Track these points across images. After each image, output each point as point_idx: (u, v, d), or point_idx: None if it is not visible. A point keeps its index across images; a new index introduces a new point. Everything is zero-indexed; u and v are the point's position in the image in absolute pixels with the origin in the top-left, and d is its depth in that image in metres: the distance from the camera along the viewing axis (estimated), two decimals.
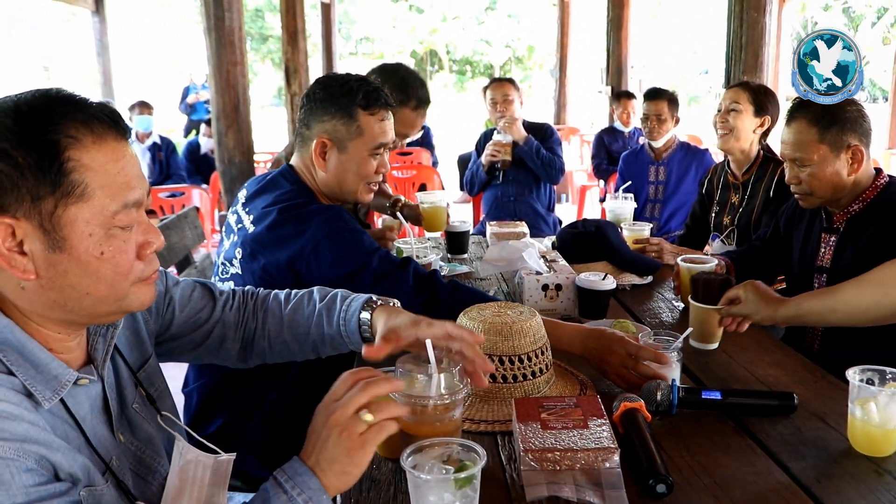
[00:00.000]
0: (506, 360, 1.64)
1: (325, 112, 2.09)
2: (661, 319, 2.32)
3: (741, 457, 1.47)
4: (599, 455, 1.34)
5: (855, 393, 1.49)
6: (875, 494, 1.34)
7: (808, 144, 2.25)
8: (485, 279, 2.76)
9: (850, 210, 2.31)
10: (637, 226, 3.03)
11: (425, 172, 6.81)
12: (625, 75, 8.83)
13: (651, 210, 4.48)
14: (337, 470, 1.14)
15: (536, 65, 34.36)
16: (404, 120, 2.81)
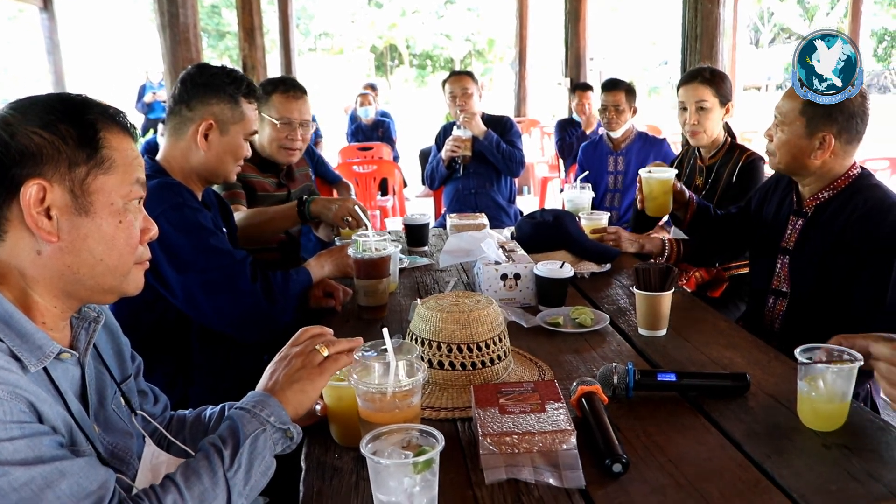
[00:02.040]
0: (464, 348, 1.66)
1: (212, 96, 2.23)
2: (618, 306, 2.36)
3: (696, 436, 1.51)
4: (557, 437, 1.36)
5: (803, 371, 1.53)
6: (823, 467, 1.38)
7: (793, 110, 2.29)
8: (444, 270, 2.77)
9: (819, 196, 2.35)
10: (595, 215, 3.07)
11: (386, 167, 6.81)
12: (583, 67, 8.88)
13: (610, 200, 4.53)
14: (296, 389, 1.33)
15: (497, 58, 34.49)
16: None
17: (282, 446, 1.30)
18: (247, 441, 1.23)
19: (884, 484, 1.32)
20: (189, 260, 2.10)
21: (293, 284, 2.25)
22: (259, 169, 3.16)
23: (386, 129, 8.63)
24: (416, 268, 2.83)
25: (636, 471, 1.36)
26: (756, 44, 35.77)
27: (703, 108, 3.20)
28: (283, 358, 1.40)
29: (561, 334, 2.08)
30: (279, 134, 3.06)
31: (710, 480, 1.33)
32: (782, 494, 1.29)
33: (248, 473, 1.21)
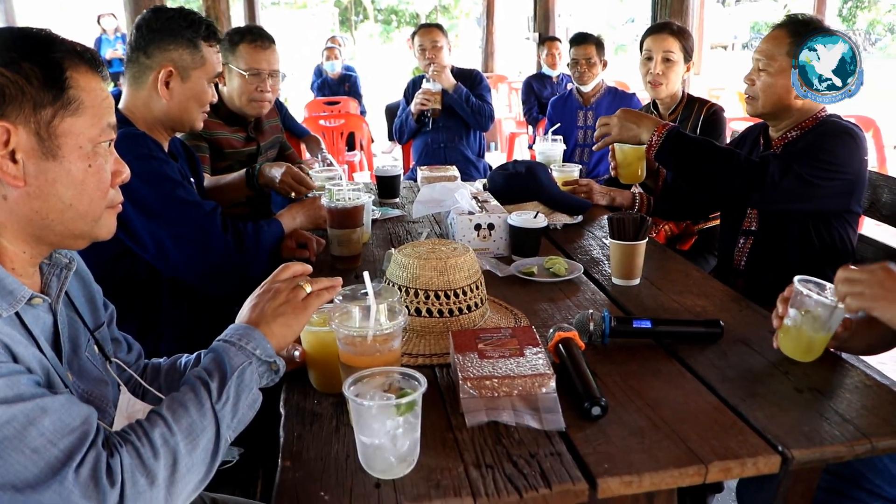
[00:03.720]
0: (441, 295, 1.66)
1: (170, 41, 2.16)
2: (591, 256, 2.37)
3: (671, 380, 1.53)
4: (536, 381, 1.37)
5: (798, 300, 1.56)
6: (796, 409, 1.41)
7: (777, 50, 2.33)
8: (417, 221, 2.76)
9: (787, 136, 2.41)
10: (567, 167, 3.07)
11: (354, 121, 6.74)
12: (552, 22, 8.84)
13: (580, 154, 4.53)
14: (281, 322, 1.32)
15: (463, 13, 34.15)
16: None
17: (267, 379, 1.29)
18: (234, 374, 1.21)
19: (854, 425, 1.35)
20: (158, 211, 2.06)
21: (264, 235, 2.22)
22: (226, 123, 3.08)
23: (353, 83, 8.52)
24: (388, 219, 2.82)
25: (614, 414, 1.38)
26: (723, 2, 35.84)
27: (670, 60, 3.21)
28: (265, 291, 1.37)
29: (535, 283, 2.09)
30: (249, 86, 2.97)
31: (687, 422, 1.35)
32: (757, 435, 1.32)
33: (235, 406, 1.20)
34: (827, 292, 1.57)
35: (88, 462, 1.01)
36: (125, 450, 1.06)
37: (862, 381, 1.54)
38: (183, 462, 1.10)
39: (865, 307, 1.46)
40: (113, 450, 1.05)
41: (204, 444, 1.14)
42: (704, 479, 1.25)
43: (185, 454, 1.11)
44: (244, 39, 2.99)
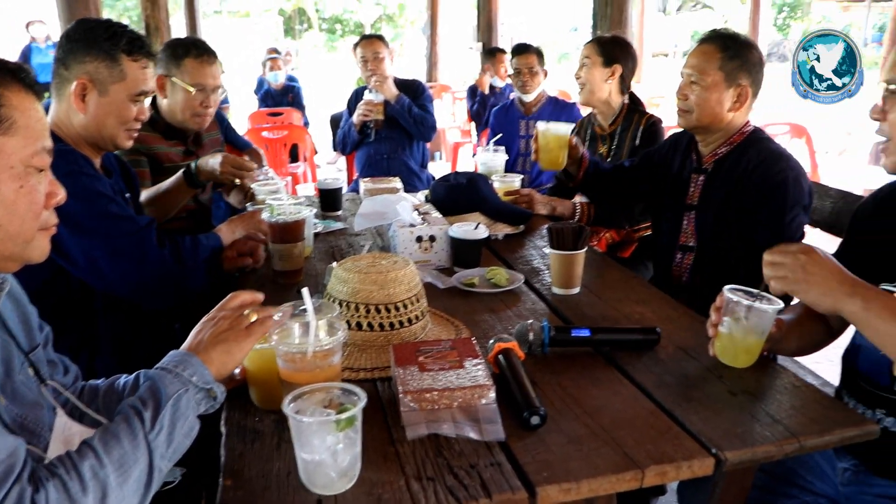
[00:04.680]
0: (382, 309, 1.67)
1: (87, 54, 2.08)
2: (532, 266, 2.40)
3: (610, 387, 1.56)
4: (476, 392, 1.39)
5: (730, 307, 1.60)
6: (729, 412, 1.46)
7: (708, 65, 2.39)
8: (360, 234, 2.76)
9: (718, 152, 2.47)
10: (508, 177, 3.10)
11: (296, 133, 6.70)
12: (495, 32, 8.91)
13: (522, 164, 4.57)
14: (221, 349, 1.31)
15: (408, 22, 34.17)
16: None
17: (205, 406, 1.27)
18: (169, 402, 1.19)
19: (783, 425, 1.40)
20: (91, 227, 2.02)
21: (202, 248, 2.20)
22: (164, 137, 3.02)
23: (296, 94, 8.48)
24: (331, 232, 2.81)
25: (553, 422, 1.40)
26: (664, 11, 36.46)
27: (586, 65, 3.32)
28: (209, 319, 1.37)
29: (476, 294, 2.11)
30: (193, 101, 2.93)
31: (624, 429, 1.39)
32: (692, 439, 1.36)
33: (170, 435, 1.18)
34: (757, 299, 1.61)
35: (12, 498, 0.99)
36: (52, 484, 1.03)
37: (791, 382, 1.59)
38: (113, 495, 1.08)
39: (788, 290, 1.51)
40: (39, 485, 1.03)
41: (136, 475, 1.12)
42: (641, 483, 1.28)
43: (115, 487, 1.09)
44: (189, 54, 2.94)
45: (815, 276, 1.47)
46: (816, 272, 1.48)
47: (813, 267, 1.48)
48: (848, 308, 1.43)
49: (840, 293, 1.44)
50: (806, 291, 1.48)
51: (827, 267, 1.48)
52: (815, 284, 1.47)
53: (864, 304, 1.42)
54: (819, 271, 1.48)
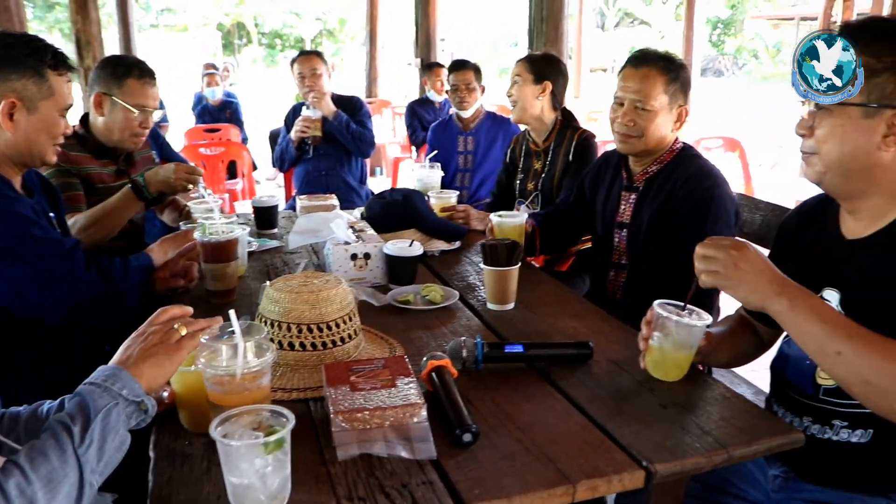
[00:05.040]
0: (314, 328, 1.65)
1: (11, 70, 1.99)
2: (468, 282, 2.40)
3: (543, 403, 1.57)
4: (407, 411, 1.38)
5: (659, 323, 1.62)
6: (660, 425, 1.47)
7: (653, 90, 2.40)
8: (295, 252, 2.74)
9: (648, 171, 2.50)
10: (444, 194, 3.10)
11: (234, 149, 6.62)
12: (433, 47, 8.95)
13: (461, 179, 4.59)
14: (152, 363, 1.30)
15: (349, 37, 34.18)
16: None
17: (136, 419, 1.25)
18: (98, 415, 1.17)
19: (713, 436, 1.42)
20: (13, 252, 1.95)
21: (132, 270, 2.15)
22: (95, 157, 2.94)
23: (234, 110, 8.39)
24: (266, 250, 2.78)
25: (486, 439, 1.40)
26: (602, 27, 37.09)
27: (517, 82, 3.36)
28: (139, 334, 1.36)
29: (412, 312, 2.11)
30: (133, 122, 2.86)
31: (556, 444, 1.39)
32: (623, 452, 1.37)
33: (101, 449, 1.16)
34: (686, 312, 1.64)
35: None
36: None
37: (721, 393, 1.62)
38: None
39: (718, 285, 1.54)
40: None
41: (66, 490, 1.10)
42: (573, 498, 1.28)
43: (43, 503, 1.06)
44: (131, 74, 2.86)
45: (747, 273, 1.50)
46: (748, 269, 1.50)
47: (744, 264, 1.51)
48: (775, 307, 1.46)
49: (769, 291, 1.47)
50: (736, 288, 1.51)
51: (758, 265, 1.51)
52: (746, 282, 1.50)
53: (790, 303, 1.45)
54: (750, 268, 1.50)
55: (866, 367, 1.36)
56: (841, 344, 1.39)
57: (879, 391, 1.36)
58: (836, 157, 1.51)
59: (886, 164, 1.50)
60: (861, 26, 1.52)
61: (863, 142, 1.48)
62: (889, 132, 1.47)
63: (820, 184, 1.59)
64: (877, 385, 1.35)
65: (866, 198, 1.56)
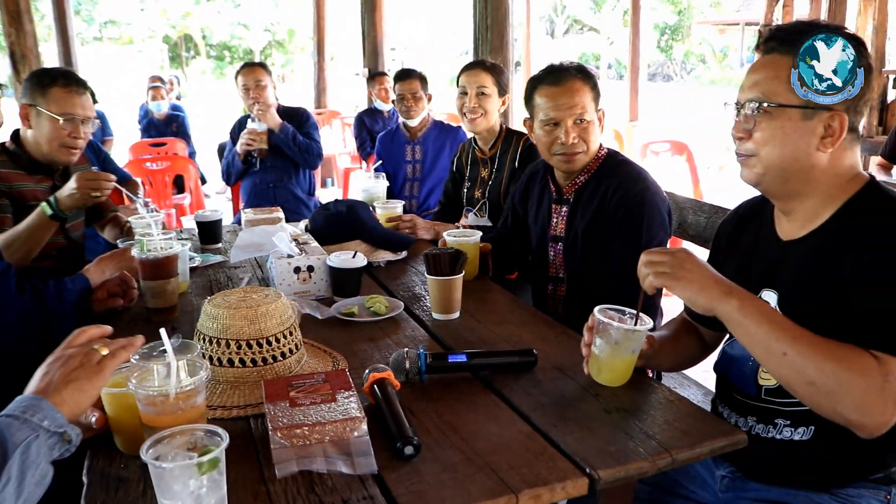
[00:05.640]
0: (253, 344, 1.63)
1: None
2: (413, 293, 2.39)
3: (487, 412, 1.56)
4: (347, 425, 1.36)
5: (600, 328, 1.63)
6: (604, 431, 1.47)
7: (588, 104, 2.40)
8: (239, 267, 2.71)
9: (577, 181, 2.49)
10: (390, 203, 3.09)
11: (180, 163, 6.53)
12: (381, 57, 8.93)
13: (410, 188, 4.57)
14: (73, 388, 1.23)
15: (298, 48, 34.05)
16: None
17: (59, 451, 1.19)
18: (17, 451, 1.11)
19: (656, 440, 1.43)
20: None
21: (68, 293, 2.10)
22: (28, 173, 2.84)
23: (180, 123, 8.28)
24: (210, 265, 2.74)
25: (429, 451, 1.39)
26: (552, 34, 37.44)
27: (484, 94, 3.30)
28: (56, 359, 1.29)
29: (356, 324, 2.09)
30: (61, 132, 2.76)
31: (499, 453, 1.38)
32: (566, 459, 1.36)
33: (20, 486, 1.11)
34: (626, 317, 1.65)
35: None
36: None
37: (665, 397, 1.63)
38: None
39: (666, 285, 1.54)
40: None
41: None
42: None
43: None
44: (56, 83, 2.77)
45: (693, 273, 1.51)
46: (695, 270, 1.52)
47: (691, 265, 1.52)
48: (724, 308, 1.47)
49: (717, 292, 1.48)
50: (683, 288, 1.52)
51: (704, 267, 1.53)
52: (693, 282, 1.51)
53: (740, 304, 1.46)
54: (697, 270, 1.52)
55: (811, 368, 1.38)
56: (787, 345, 1.40)
57: (823, 392, 1.37)
58: (776, 158, 1.54)
59: (823, 165, 1.53)
60: (792, 31, 1.54)
61: (802, 143, 1.51)
62: (826, 133, 1.50)
63: (758, 185, 1.62)
64: (821, 386, 1.37)
65: (802, 199, 1.58)
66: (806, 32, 1.52)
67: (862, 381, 1.35)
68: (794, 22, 1.59)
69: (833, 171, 1.54)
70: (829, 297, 1.49)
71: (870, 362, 1.36)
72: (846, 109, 1.50)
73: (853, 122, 1.53)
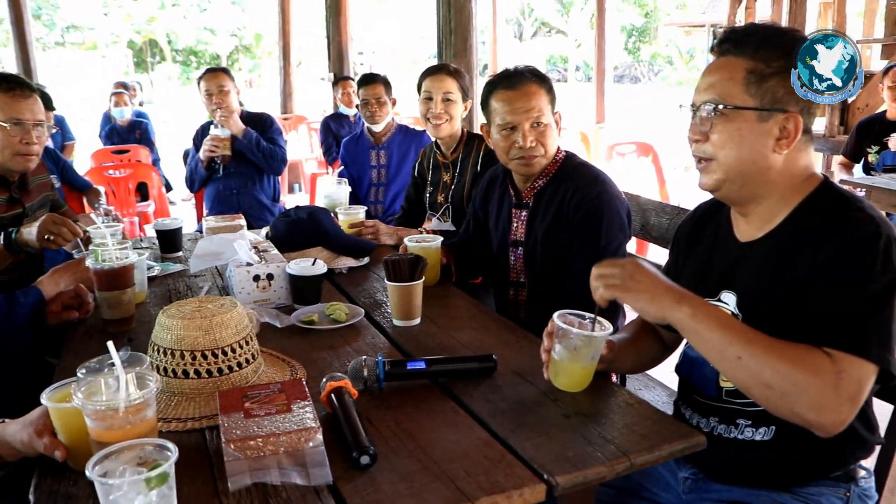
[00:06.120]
0: (209, 355, 1.61)
1: None
2: (375, 299, 2.38)
3: (445, 420, 1.55)
4: (302, 436, 1.35)
5: (560, 334, 1.62)
6: (562, 436, 1.47)
7: (542, 104, 2.40)
8: (199, 276, 2.67)
9: (536, 185, 2.49)
10: (353, 209, 3.07)
11: (143, 171, 6.44)
12: (346, 61, 8.89)
13: (375, 194, 4.55)
14: None
15: (266, 53, 33.90)
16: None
17: None
18: None
19: (615, 444, 1.43)
20: None
21: (20, 307, 2.06)
22: None
23: (144, 129, 8.18)
24: (170, 275, 2.71)
25: (386, 460, 1.38)
26: (519, 38, 37.59)
27: (450, 100, 3.29)
28: None
29: (316, 332, 2.07)
30: (11, 138, 2.68)
31: (456, 461, 1.37)
32: (524, 466, 1.36)
33: None
34: (587, 322, 1.65)
35: None
36: None
37: (625, 400, 1.63)
38: None
39: (617, 296, 1.54)
40: None
41: None
42: None
43: None
44: (0, 88, 2.75)
45: (644, 283, 1.51)
46: (645, 280, 1.52)
47: (641, 276, 1.53)
48: (676, 315, 1.47)
49: (668, 300, 1.48)
50: (635, 298, 1.52)
51: (655, 277, 1.54)
52: (644, 291, 1.51)
53: (691, 311, 1.46)
54: (647, 279, 1.52)
55: (766, 370, 1.38)
56: (741, 349, 1.41)
57: (779, 393, 1.38)
58: (734, 161, 1.54)
59: (779, 166, 1.54)
60: (747, 33, 1.55)
61: (759, 145, 1.52)
62: (781, 135, 1.52)
63: (716, 191, 1.62)
64: (776, 388, 1.38)
65: (759, 201, 1.59)
66: (759, 34, 1.53)
67: (816, 380, 1.36)
68: (748, 24, 1.60)
69: (789, 173, 1.56)
70: (788, 298, 1.50)
71: (823, 361, 1.37)
72: (801, 111, 1.52)
73: (807, 124, 1.54)
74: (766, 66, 1.51)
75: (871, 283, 1.39)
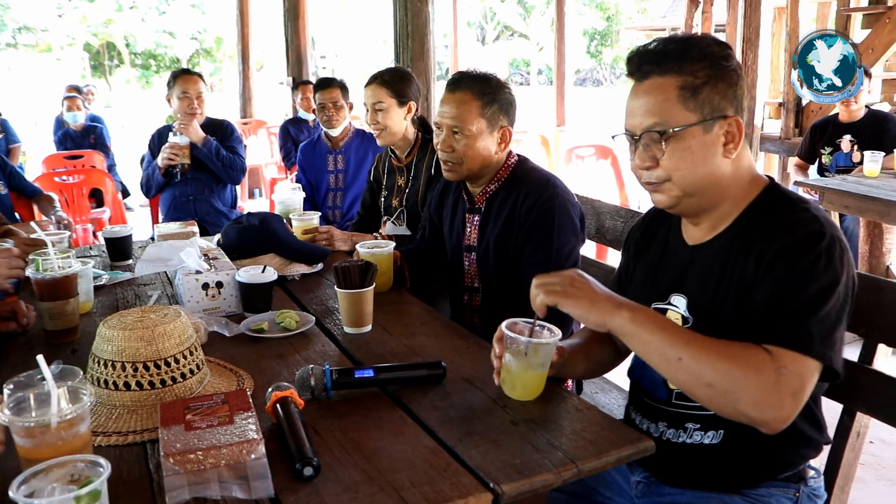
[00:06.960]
0: (151, 366, 1.58)
1: None
2: (327, 306, 2.35)
3: (393, 429, 1.53)
4: (244, 448, 1.32)
5: (508, 342, 1.62)
6: (510, 443, 1.46)
7: (469, 115, 2.37)
8: (148, 284, 2.63)
9: (487, 190, 2.49)
10: (306, 215, 3.04)
11: (96, 176, 6.30)
12: (305, 65, 8.84)
13: (333, 199, 4.52)
14: None
15: (226, 57, 33.64)
16: None
17: None
18: None
19: (563, 451, 1.42)
20: None
21: None
22: None
23: (98, 135, 8.05)
24: (118, 283, 2.65)
25: (330, 471, 1.36)
26: (482, 41, 37.71)
27: (381, 109, 3.23)
28: None
29: (265, 340, 2.04)
30: None
31: (402, 471, 1.36)
32: (470, 475, 1.34)
33: None
34: (536, 328, 1.64)
35: None
36: None
37: (575, 406, 1.63)
38: None
39: (557, 302, 1.54)
40: None
41: None
42: None
43: None
44: None
45: (583, 290, 1.52)
46: (584, 287, 1.53)
47: (580, 284, 1.54)
48: (616, 320, 1.48)
49: (607, 307, 1.49)
50: (574, 305, 1.52)
51: (594, 285, 1.55)
52: (583, 298, 1.51)
53: (631, 315, 1.47)
54: (586, 287, 1.53)
55: (707, 369, 1.39)
56: (680, 350, 1.41)
57: (721, 392, 1.39)
58: (691, 178, 1.55)
59: (730, 171, 1.56)
60: (663, 52, 1.56)
61: (710, 156, 1.53)
62: (727, 140, 1.53)
63: (674, 208, 1.62)
64: (718, 387, 1.38)
65: (715, 209, 1.60)
66: (675, 50, 1.54)
67: (756, 377, 1.36)
68: (657, 43, 1.60)
69: (737, 176, 1.58)
70: (735, 299, 1.52)
71: (763, 358, 1.38)
72: (737, 111, 1.53)
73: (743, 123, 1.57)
74: (694, 77, 1.51)
75: (813, 281, 1.41)
